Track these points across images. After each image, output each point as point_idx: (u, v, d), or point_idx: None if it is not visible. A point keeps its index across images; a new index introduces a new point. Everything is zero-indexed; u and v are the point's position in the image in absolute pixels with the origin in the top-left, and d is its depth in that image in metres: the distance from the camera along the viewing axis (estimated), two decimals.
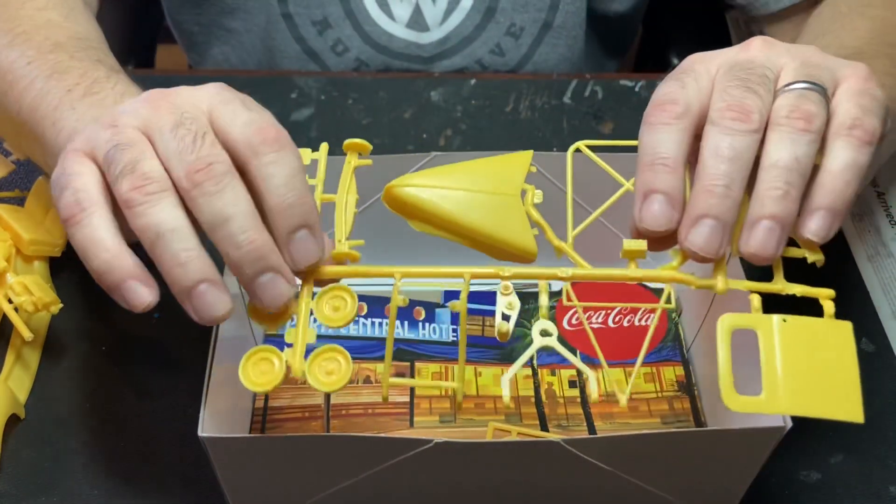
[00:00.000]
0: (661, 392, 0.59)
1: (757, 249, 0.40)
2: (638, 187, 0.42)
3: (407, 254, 0.49)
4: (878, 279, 0.66)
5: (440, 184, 0.43)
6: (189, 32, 0.90)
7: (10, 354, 0.59)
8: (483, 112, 0.78)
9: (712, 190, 0.40)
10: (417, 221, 0.44)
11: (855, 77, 0.44)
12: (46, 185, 0.62)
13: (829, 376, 0.39)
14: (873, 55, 0.58)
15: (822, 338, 0.39)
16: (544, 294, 0.43)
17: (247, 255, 0.39)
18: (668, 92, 0.43)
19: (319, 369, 0.42)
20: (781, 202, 0.40)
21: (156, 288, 0.41)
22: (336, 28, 0.83)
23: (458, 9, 0.82)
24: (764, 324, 0.39)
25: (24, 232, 0.60)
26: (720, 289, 0.42)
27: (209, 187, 0.39)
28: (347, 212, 0.45)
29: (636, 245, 0.42)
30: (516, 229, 0.43)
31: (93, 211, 0.40)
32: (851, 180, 0.41)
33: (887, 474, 0.56)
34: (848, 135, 0.42)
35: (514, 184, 0.44)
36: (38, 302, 0.56)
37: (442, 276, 0.42)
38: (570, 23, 0.85)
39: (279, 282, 0.41)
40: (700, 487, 0.50)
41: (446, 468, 0.47)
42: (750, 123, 0.41)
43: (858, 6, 0.66)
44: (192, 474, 0.55)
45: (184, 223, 0.40)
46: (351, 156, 0.47)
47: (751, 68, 0.43)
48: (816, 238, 0.41)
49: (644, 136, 0.43)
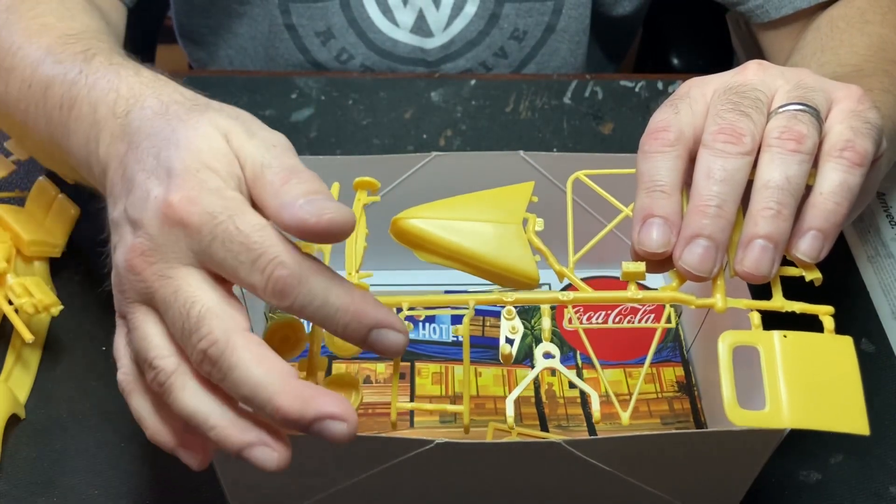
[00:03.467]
0: (661, 392, 0.59)
1: (751, 268, 0.41)
2: (636, 212, 0.43)
3: (406, 255, 0.49)
4: (878, 279, 0.66)
5: (444, 215, 0.44)
6: (197, 35, 0.90)
7: (11, 355, 0.59)
8: (483, 112, 0.78)
9: (705, 210, 0.41)
10: (423, 252, 0.45)
11: (848, 99, 0.44)
12: (47, 185, 0.62)
13: (832, 389, 0.39)
14: (872, 72, 0.59)
15: (824, 352, 0.40)
16: (546, 317, 0.44)
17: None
18: (662, 119, 0.44)
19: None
20: (774, 221, 0.41)
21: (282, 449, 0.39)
22: (340, 38, 0.83)
23: (461, 14, 0.83)
24: (765, 340, 0.40)
25: (24, 232, 0.60)
26: (720, 307, 0.42)
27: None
28: (358, 245, 0.46)
29: (635, 267, 0.42)
30: (519, 257, 0.44)
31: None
32: (842, 202, 0.42)
33: (887, 474, 0.56)
34: (839, 156, 0.42)
35: (517, 213, 0.45)
36: (39, 304, 0.56)
37: (448, 304, 0.44)
38: (573, 27, 0.85)
39: (390, 334, 0.39)
40: (700, 488, 0.50)
41: (446, 469, 0.47)
42: (741, 146, 0.41)
43: (857, 22, 0.66)
44: (192, 474, 0.55)
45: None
46: (361, 193, 0.48)
47: (744, 92, 0.43)
48: (807, 258, 0.42)
49: (641, 163, 0.43)
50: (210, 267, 0.38)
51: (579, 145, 0.76)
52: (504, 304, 0.43)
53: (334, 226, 0.37)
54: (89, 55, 0.52)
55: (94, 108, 0.47)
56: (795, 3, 0.72)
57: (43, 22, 0.57)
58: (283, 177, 0.39)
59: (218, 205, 0.38)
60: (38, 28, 0.56)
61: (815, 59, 0.64)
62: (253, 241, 0.37)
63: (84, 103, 0.48)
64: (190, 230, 0.38)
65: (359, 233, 0.47)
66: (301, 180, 0.39)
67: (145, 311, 0.39)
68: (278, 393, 0.36)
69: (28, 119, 0.54)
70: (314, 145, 0.75)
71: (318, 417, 0.36)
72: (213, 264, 0.38)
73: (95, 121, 0.46)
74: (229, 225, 0.37)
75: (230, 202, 0.38)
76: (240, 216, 0.38)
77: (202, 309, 0.37)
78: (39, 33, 0.56)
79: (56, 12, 0.59)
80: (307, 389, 0.37)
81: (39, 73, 0.53)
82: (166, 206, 0.38)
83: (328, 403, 0.36)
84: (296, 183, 0.39)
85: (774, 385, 0.39)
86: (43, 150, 0.55)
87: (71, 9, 0.60)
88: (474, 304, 0.43)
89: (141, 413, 0.41)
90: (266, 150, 0.40)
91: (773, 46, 0.76)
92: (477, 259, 0.44)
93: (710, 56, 1.02)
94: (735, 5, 0.77)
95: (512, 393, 0.42)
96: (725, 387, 0.38)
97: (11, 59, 0.55)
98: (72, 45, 0.53)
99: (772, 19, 0.74)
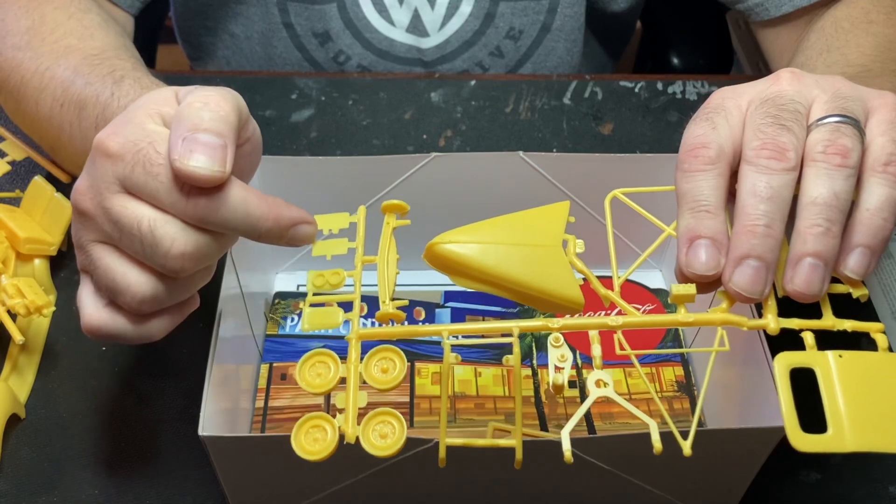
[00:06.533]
0: (660, 392, 0.59)
1: (802, 287, 0.40)
2: (681, 233, 0.42)
3: (406, 255, 0.49)
4: (877, 280, 0.66)
5: (480, 239, 0.43)
6: (196, 36, 0.90)
7: (11, 355, 0.59)
8: (483, 113, 0.78)
9: (753, 230, 0.40)
10: (459, 277, 0.44)
11: (885, 108, 0.43)
12: (42, 184, 0.62)
13: (890, 409, 0.38)
14: (880, 73, 0.58)
15: (879, 371, 0.39)
16: (596, 344, 0.42)
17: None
18: (700, 135, 0.42)
19: (373, 433, 0.41)
20: (823, 239, 0.40)
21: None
22: (337, 41, 0.83)
23: (456, 14, 0.83)
24: (821, 361, 0.39)
25: (20, 230, 0.60)
26: (772, 328, 0.41)
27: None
28: (389, 272, 0.45)
29: (685, 290, 0.41)
30: (560, 280, 0.42)
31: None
32: (889, 216, 0.41)
33: (887, 474, 0.56)
34: (884, 171, 0.41)
35: (555, 235, 0.43)
36: (31, 304, 0.55)
37: (490, 332, 0.42)
38: (569, 25, 0.85)
39: (305, 228, 0.44)
40: (700, 487, 0.50)
41: (446, 468, 0.47)
42: (786, 162, 0.40)
43: (861, 22, 0.66)
44: (192, 474, 0.55)
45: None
46: (389, 217, 0.47)
47: (782, 104, 0.42)
48: (856, 275, 0.41)
49: (681, 183, 0.42)
50: (136, 192, 0.41)
51: (579, 146, 0.76)
52: (550, 331, 0.42)
53: (193, 176, 0.39)
54: (117, 76, 0.57)
55: None
56: (796, 1, 0.72)
57: (67, 44, 0.61)
58: (189, 102, 0.41)
59: (139, 135, 0.41)
60: (63, 50, 0.61)
61: (821, 59, 0.64)
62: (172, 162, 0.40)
63: None
64: (114, 159, 0.41)
65: (390, 259, 0.45)
66: (205, 108, 0.41)
67: (102, 247, 0.42)
68: (262, 218, 0.42)
69: (62, 135, 0.58)
70: (314, 146, 0.75)
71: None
72: (137, 189, 0.41)
73: None
74: (150, 150, 0.40)
75: (152, 133, 0.41)
76: (160, 143, 0.41)
77: (150, 221, 0.40)
78: (65, 55, 0.60)
79: (76, 32, 0.62)
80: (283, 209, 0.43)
81: (71, 93, 0.58)
82: (97, 140, 0.42)
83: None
84: (197, 109, 0.41)
85: (835, 407, 0.37)
86: (78, 163, 0.59)
87: (89, 27, 0.63)
88: (518, 331, 0.41)
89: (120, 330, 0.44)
90: (199, 88, 0.43)
91: (773, 45, 0.76)
92: (519, 283, 0.42)
93: (710, 56, 1.02)
94: (735, 4, 0.77)
95: (566, 426, 0.39)
96: (786, 410, 0.37)
97: (40, 79, 0.60)
98: (98, 67, 0.58)
99: (772, 17, 0.74)
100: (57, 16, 0.63)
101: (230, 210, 0.41)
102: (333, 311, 0.43)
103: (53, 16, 0.63)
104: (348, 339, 0.42)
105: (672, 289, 0.41)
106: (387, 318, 0.43)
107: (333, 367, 0.42)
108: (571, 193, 0.59)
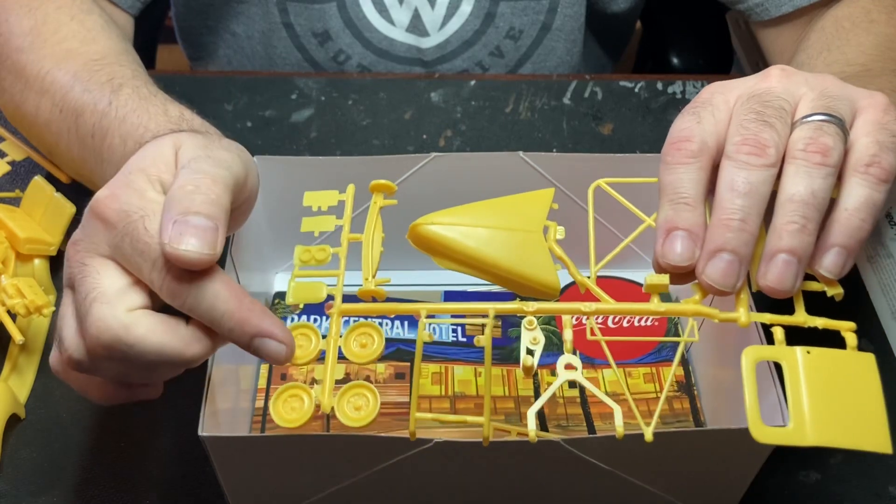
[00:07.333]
0: (660, 392, 0.59)
1: (775, 283, 0.40)
2: (660, 224, 0.42)
3: (405, 255, 0.49)
4: (877, 280, 0.66)
5: (463, 222, 0.43)
6: (196, 36, 0.90)
7: (11, 355, 0.59)
8: (483, 113, 0.78)
9: (728, 224, 0.40)
10: (442, 258, 0.44)
11: (873, 108, 0.43)
12: (42, 185, 0.62)
13: (854, 407, 0.38)
14: (880, 72, 0.58)
15: (846, 369, 0.39)
16: (568, 329, 0.43)
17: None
18: (684, 129, 0.43)
19: (348, 405, 0.44)
20: (798, 236, 0.40)
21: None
22: (337, 40, 0.83)
23: (456, 14, 0.83)
24: (788, 356, 0.39)
25: (20, 230, 0.60)
26: (743, 322, 0.41)
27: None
28: (374, 250, 0.46)
29: (659, 280, 0.42)
30: (539, 265, 0.43)
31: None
32: (867, 218, 0.41)
33: (887, 474, 0.56)
34: (865, 172, 0.41)
35: (537, 221, 0.44)
36: (30, 304, 0.55)
37: (466, 312, 0.43)
38: (569, 25, 0.85)
39: (271, 343, 0.42)
40: (700, 487, 0.50)
41: (446, 468, 0.47)
42: (765, 158, 0.41)
43: (862, 22, 0.66)
44: (192, 474, 0.55)
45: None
46: (377, 196, 0.48)
47: (768, 100, 0.42)
48: (831, 274, 0.41)
49: (663, 174, 0.43)
50: (120, 261, 0.41)
51: (579, 146, 0.76)
52: (525, 314, 0.42)
53: (182, 259, 0.39)
54: (115, 84, 0.57)
55: (124, 141, 0.53)
56: (796, 1, 0.72)
57: (68, 47, 0.61)
58: (182, 182, 0.41)
59: (135, 204, 0.41)
60: (65, 53, 0.61)
61: (821, 58, 0.64)
62: (156, 243, 0.40)
63: (115, 135, 0.53)
64: (107, 224, 0.41)
65: (375, 237, 0.46)
66: (197, 192, 0.41)
67: (68, 293, 0.43)
68: (226, 314, 0.41)
69: (60, 141, 0.59)
70: (314, 146, 0.75)
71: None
72: (123, 259, 0.41)
73: (125, 153, 0.51)
74: (139, 224, 0.41)
75: (148, 203, 0.41)
76: (152, 218, 0.41)
77: (96, 294, 0.40)
78: (66, 59, 0.60)
79: (78, 36, 0.62)
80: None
81: (69, 99, 0.58)
82: (94, 201, 0.42)
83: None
84: (189, 192, 0.41)
85: (798, 401, 0.38)
86: (75, 168, 0.60)
87: (91, 30, 0.63)
88: (494, 313, 0.42)
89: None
90: (196, 159, 0.43)
91: (773, 45, 0.76)
92: (497, 267, 0.43)
93: (710, 56, 1.02)
94: (735, 4, 0.77)
95: (533, 406, 0.41)
96: (749, 402, 0.37)
97: (41, 82, 0.60)
98: (97, 73, 0.58)
99: (772, 17, 0.74)
100: (59, 16, 0.63)
101: (197, 297, 0.40)
102: (317, 285, 0.45)
103: (56, 16, 0.63)
104: (330, 313, 0.43)
105: (646, 279, 0.42)
106: (368, 296, 0.44)
107: (314, 340, 0.44)
108: (571, 193, 0.59)
